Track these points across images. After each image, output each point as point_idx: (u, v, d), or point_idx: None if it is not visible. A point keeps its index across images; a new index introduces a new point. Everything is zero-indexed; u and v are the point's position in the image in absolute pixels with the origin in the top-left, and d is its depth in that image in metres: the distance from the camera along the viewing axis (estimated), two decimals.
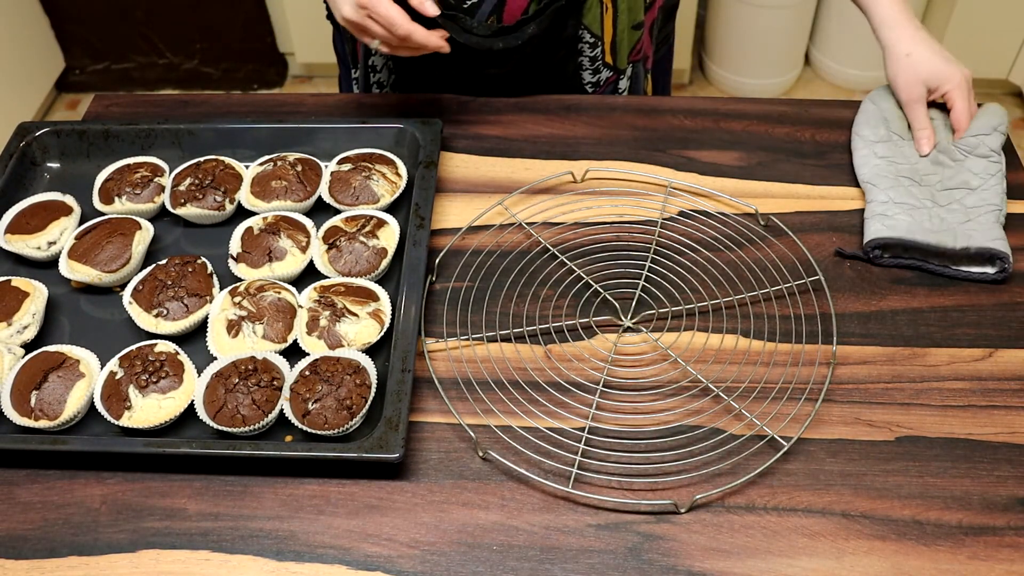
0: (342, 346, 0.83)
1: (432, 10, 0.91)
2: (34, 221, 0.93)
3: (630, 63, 1.13)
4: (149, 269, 0.89)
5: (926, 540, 0.72)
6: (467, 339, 0.87)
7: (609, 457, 0.77)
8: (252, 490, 0.77)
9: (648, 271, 0.91)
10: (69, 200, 0.96)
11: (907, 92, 1.01)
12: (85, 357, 0.82)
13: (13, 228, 0.93)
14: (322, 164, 1.00)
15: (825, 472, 0.76)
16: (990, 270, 0.89)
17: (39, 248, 0.92)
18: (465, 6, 1.04)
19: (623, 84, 1.14)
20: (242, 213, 0.97)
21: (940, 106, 1.05)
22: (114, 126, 1.03)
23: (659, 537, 0.73)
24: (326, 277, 0.90)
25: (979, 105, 1.01)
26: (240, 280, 0.90)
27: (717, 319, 0.88)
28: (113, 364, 0.81)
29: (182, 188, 0.96)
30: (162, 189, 0.98)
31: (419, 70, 1.14)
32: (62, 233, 0.94)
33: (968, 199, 0.93)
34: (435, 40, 0.92)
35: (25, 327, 0.86)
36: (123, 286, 0.91)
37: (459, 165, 1.04)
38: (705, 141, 1.05)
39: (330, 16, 1.20)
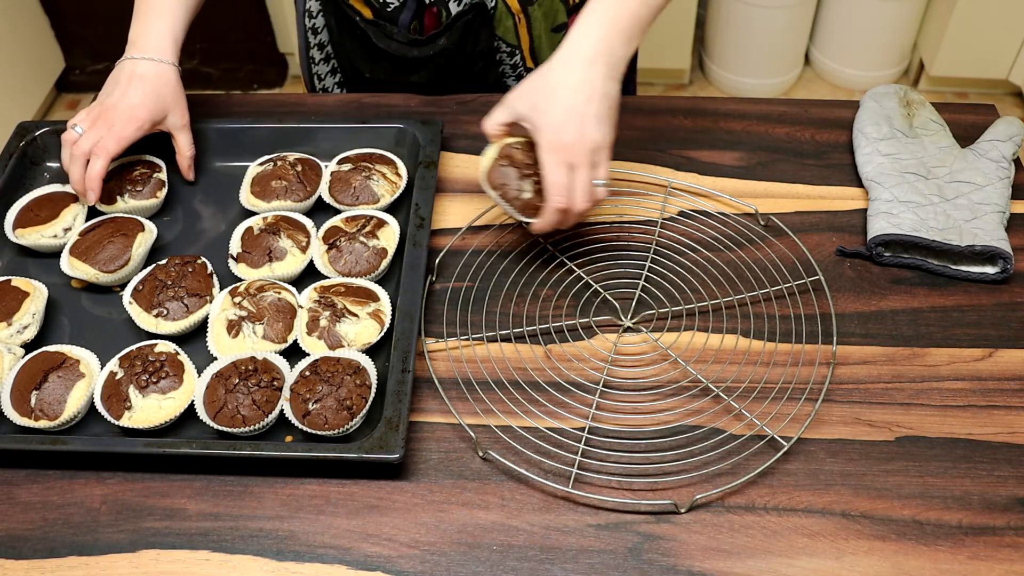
0: (342, 346, 0.83)
1: (93, 200, 0.93)
2: (43, 212, 0.94)
3: None
4: (149, 269, 0.89)
5: (926, 540, 0.72)
6: (467, 339, 0.87)
7: (609, 457, 0.77)
8: (252, 490, 0.77)
9: (648, 271, 0.91)
10: (71, 189, 0.97)
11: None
12: (85, 357, 0.82)
13: (23, 222, 0.93)
14: (322, 164, 1.00)
15: (825, 472, 0.76)
16: (990, 270, 0.89)
17: (55, 236, 0.93)
18: (388, 10, 1.05)
19: None
20: (242, 213, 0.97)
21: (942, 107, 1.06)
22: None
23: (659, 537, 0.73)
24: (326, 277, 0.90)
25: (976, 104, 1.01)
26: (240, 280, 0.90)
27: (717, 319, 0.88)
28: (113, 364, 0.81)
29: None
30: (163, 184, 0.98)
31: (354, 72, 1.16)
32: (75, 219, 0.95)
33: (975, 195, 0.93)
34: (92, 188, 0.92)
35: (25, 327, 0.86)
36: (123, 286, 0.91)
37: (459, 165, 1.04)
38: (705, 141, 1.05)
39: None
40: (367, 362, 0.81)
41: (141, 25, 0.98)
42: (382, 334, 0.84)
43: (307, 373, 0.79)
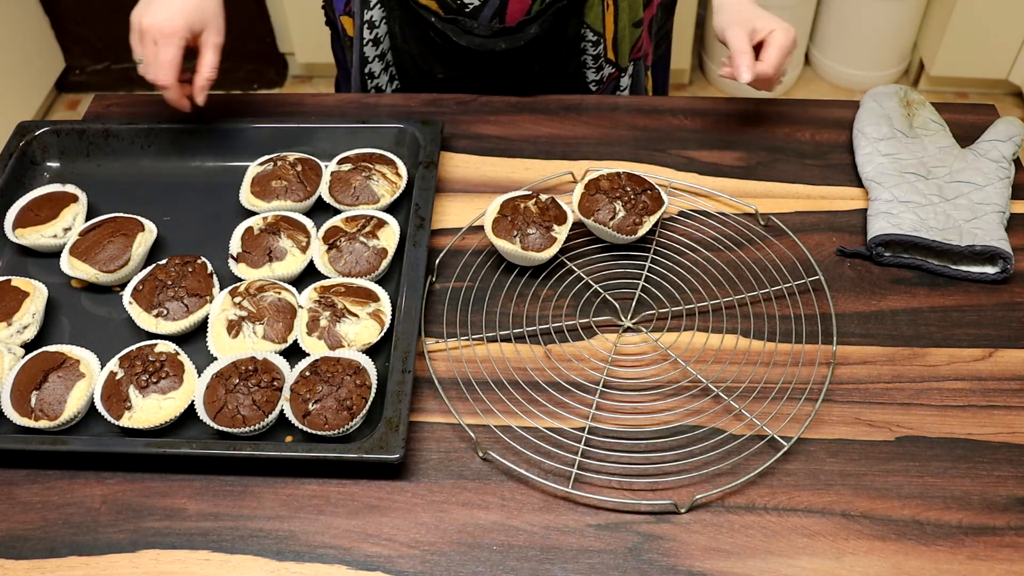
0: (342, 346, 0.83)
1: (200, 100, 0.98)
2: (43, 212, 0.94)
3: (631, 61, 1.13)
4: (149, 269, 0.89)
5: (926, 540, 0.72)
6: (467, 339, 0.87)
7: (609, 457, 0.77)
8: (252, 490, 0.77)
9: (648, 271, 0.91)
10: (71, 189, 0.97)
11: (731, 23, 0.99)
12: (85, 357, 0.82)
13: (23, 222, 0.93)
14: (322, 164, 1.00)
15: (825, 472, 0.76)
16: (990, 270, 0.89)
17: (55, 236, 0.93)
18: (467, 11, 1.04)
19: (625, 82, 1.14)
20: (242, 213, 0.97)
21: (942, 107, 1.06)
22: (114, 126, 1.03)
23: (659, 537, 0.73)
24: (326, 277, 0.90)
25: (976, 104, 1.01)
26: (240, 280, 0.90)
27: (717, 319, 0.88)
28: (113, 364, 0.81)
29: None
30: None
31: (421, 77, 1.14)
32: (75, 218, 0.95)
33: (975, 195, 0.93)
34: (180, 103, 0.97)
35: (25, 327, 0.86)
36: (123, 286, 0.91)
37: (459, 165, 1.04)
38: (705, 141, 1.05)
39: (329, 22, 1.20)
40: (367, 362, 0.81)
41: None
42: (382, 334, 0.84)
43: (307, 373, 0.79)
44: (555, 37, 1.08)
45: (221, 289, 0.88)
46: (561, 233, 0.90)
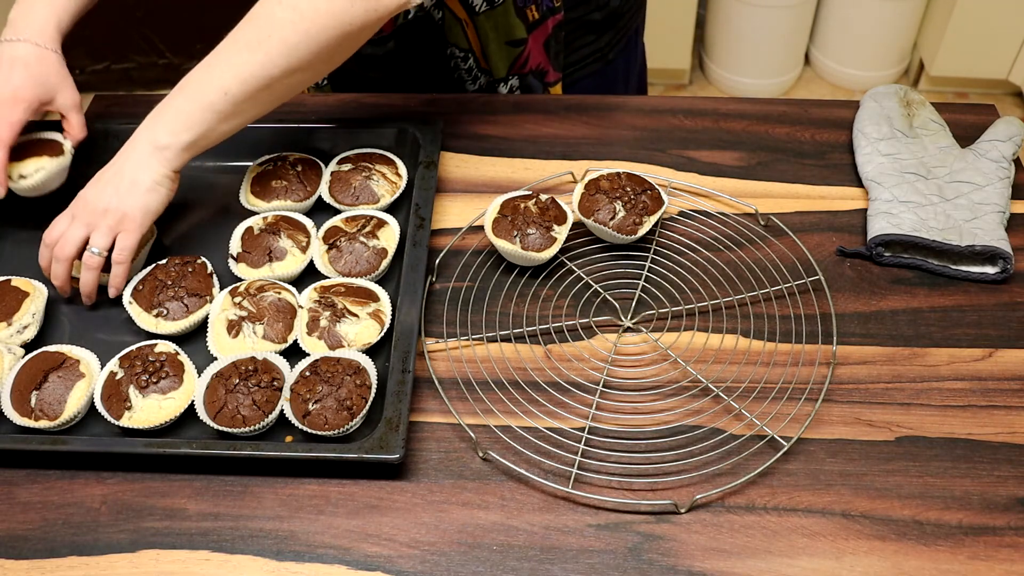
0: (342, 346, 0.83)
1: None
2: (18, 151, 0.93)
3: (514, 75, 1.11)
4: (149, 269, 0.89)
5: (926, 540, 0.72)
6: (467, 339, 0.87)
7: (609, 457, 0.77)
8: (252, 490, 0.77)
9: (648, 271, 0.91)
10: (67, 145, 0.97)
11: None
12: (85, 357, 0.82)
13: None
14: (322, 164, 1.00)
15: (825, 472, 0.76)
16: (990, 270, 0.90)
17: (11, 178, 0.92)
18: None
19: (503, 89, 1.12)
20: (242, 213, 0.97)
21: (942, 107, 1.06)
22: (114, 126, 1.03)
23: (659, 537, 0.73)
24: (326, 277, 0.90)
25: (976, 104, 1.01)
26: (240, 280, 0.90)
27: (717, 319, 0.88)
28: (113, 364, 0.81)
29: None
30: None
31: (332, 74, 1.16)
32: (36, 171, 0.94)
33: (975, 195, 0.93)
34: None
35: (25, 327, 0.86)
36: None
37: (459, 165, 1.04)
38: (705, 141, 1.05)
39: None
40: (367, 362, 0.81)
41: (23, 7, 0.95)
42: (382, 334, 0.84)
43: (307, 373, 0.79)
44: (420, 51, 1.09)
45: (221, 289, 0.88)
46: (561, 233, 0.90)
